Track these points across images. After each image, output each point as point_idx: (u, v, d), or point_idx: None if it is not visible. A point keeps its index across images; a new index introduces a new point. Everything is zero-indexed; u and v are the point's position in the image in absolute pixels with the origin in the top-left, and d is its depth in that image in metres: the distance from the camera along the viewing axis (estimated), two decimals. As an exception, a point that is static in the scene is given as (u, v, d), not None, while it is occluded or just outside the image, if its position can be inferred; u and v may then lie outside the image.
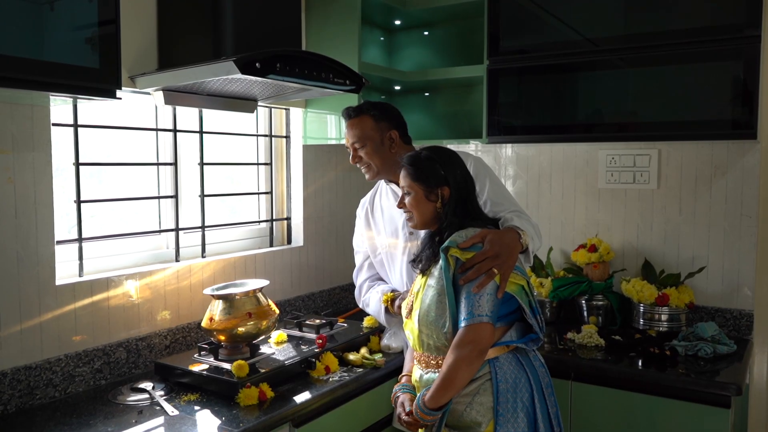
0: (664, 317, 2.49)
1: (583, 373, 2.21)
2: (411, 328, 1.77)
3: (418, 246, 1.84)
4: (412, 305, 1.78)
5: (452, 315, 1.64)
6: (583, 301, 2.64)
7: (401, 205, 1.81)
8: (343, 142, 2.69)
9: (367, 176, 2.16)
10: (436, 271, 1.71)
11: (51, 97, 1.65)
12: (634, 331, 2.49)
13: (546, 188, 2.92)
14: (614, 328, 2.58)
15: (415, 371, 1.79)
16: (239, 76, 1.75)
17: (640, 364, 2.19)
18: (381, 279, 2.31)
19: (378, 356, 2.20)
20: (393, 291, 2.17)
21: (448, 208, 1.74)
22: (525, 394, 1.66)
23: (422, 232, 1.85)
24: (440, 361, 1.68)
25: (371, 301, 2.24)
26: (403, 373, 1.90)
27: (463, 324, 1.61)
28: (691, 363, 2.19)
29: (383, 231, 2.22)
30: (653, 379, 2.10)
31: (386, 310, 2.16)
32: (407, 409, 1.71)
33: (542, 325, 1.72)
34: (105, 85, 1.55)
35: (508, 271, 1.66)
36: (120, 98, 1.62)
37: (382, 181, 2.26)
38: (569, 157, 2.86)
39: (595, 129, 2.46)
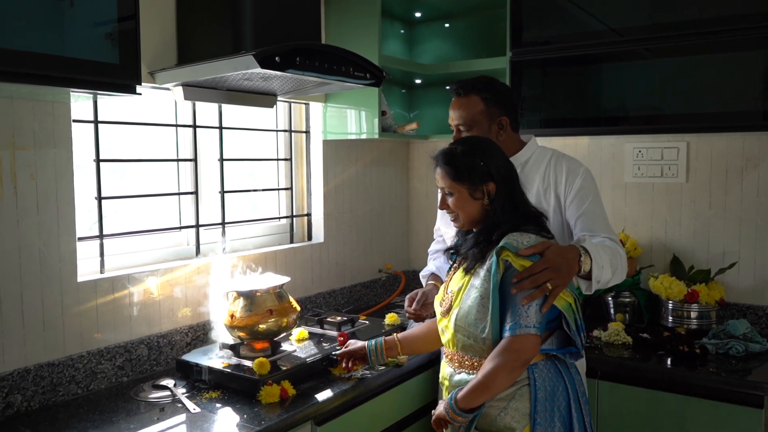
0: (693, 315, 2.45)
1: (609, 372, 2.18)
2: (446, 326, 1.73)
3: (462, 239, 1.78)
4: (451, 303, 1.72)
5: (494, 320, 1.60)
6: (610, 298, 2.61)
7: (444, 206, 1.73)
8: (364, 136, 2.72)
9: None
10: (481, 271, 1.65)
11: (71, 93, 1.67)
12: (663, 328, 2.45)
13: (570, 182, 2.87)
14: (642, 325, 2.54)
15: (445, 368, 1.76)
16: (259, 70, 1.74)
17: (669, 362, 2.16)
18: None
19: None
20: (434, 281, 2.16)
21: (497, 204, 1.66)
22: (562, 403, 1.62)
23: None
24: (475, 363, 1.65)
25: (424, 271, 2.25)
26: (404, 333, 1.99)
27: (507, 333, 1.57)
28: (722, 362, 2.15)
29: None
30: (683, 378, 2.07)
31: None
32: (439, 410, 1.68)
33: (584, 341, 1.68)
34: (125, 80, 1.56)
35: (561, 288, 1.60)
36: (140, 93, 1.63)
37: None
38: (594, 150, 2.82)
39: (621, 121, 2.42)
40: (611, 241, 1.83)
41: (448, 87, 3.05)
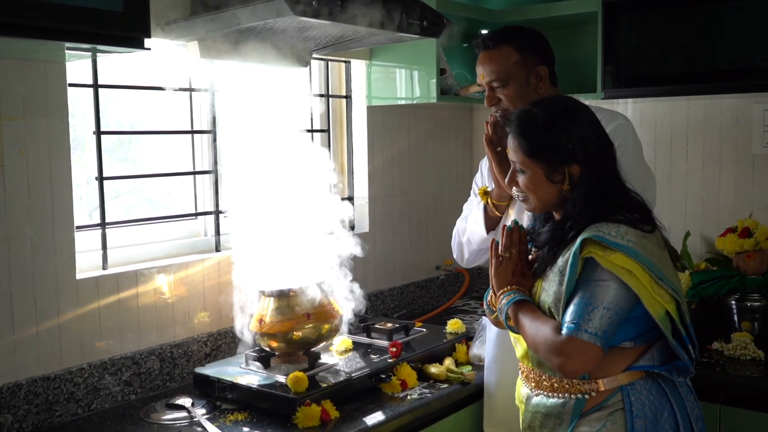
0: None
1: (735, 395, 2.14)
2: (518, 336, 1.71)
3: (539, 225, 1.75)
4: None
5: None
6: (733, 302, 2.53)
7: (513, 182, 1.70)
8: (416, 101, 2.69)
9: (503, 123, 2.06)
10: (551, 273, 1.62)
11: (67, 51, 1.68)
12: (804, 340, 2.37)
13: (680, 155, 2.82)
14: (776, 336, 2.47)
15: (521, 388, 1.76)
16: (291, 17, 1.72)
17: (813, 383, 2.11)
18: None
19: (466, 369, 2.18)
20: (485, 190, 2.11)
21: (579, 192, 1.60)
22: (668, 431, 1.58)
23: None
24: (555, 383, 1.63)
25: (463, 232, 2.20)
26: None
27: (565, 330, 1.53)
28: None
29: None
30: (833, 404, 2.01)
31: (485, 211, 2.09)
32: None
33: (695, 353, 1.62)
34: (130, 32, 1.57)
35: None
36: (148, 48, 1.63)
37: None
38: (712, 114, 2.75)
39: (746, 76, 2.37)
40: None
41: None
